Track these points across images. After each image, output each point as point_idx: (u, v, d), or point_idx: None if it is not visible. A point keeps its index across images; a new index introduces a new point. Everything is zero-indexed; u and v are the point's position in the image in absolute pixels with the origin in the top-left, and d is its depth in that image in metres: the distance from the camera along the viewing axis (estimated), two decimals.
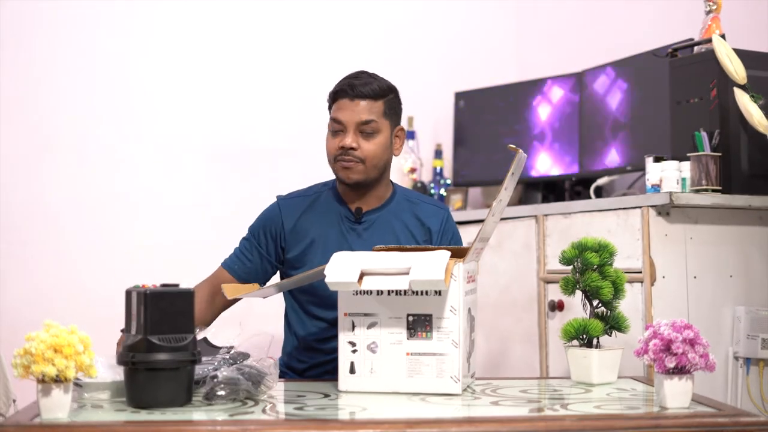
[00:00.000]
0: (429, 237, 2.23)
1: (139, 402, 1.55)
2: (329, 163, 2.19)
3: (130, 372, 1.56)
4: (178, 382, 1.57)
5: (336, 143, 2.15)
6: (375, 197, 2.21)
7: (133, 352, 1.55)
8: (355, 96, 2.14)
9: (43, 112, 3.20)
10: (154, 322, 1.56)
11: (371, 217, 2.20)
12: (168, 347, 1.55)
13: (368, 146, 2.14)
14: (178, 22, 3.41)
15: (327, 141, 2.19)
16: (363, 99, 2.14)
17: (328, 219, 2.20)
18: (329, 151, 2.18)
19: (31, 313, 3.00)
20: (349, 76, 2.19)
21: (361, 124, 2.13)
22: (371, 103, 2.15)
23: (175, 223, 3.34)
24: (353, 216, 2.20)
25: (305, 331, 2.21)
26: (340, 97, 2.16)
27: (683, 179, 2.50)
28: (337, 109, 2.16)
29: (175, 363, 1.55)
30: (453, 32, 3.86)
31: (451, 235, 2.27)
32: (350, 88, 2.14)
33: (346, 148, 2.13)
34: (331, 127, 2.17)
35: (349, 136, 2.13)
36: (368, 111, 2.14)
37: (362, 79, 2.16)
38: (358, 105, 2.14)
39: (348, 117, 2.14)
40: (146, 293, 1.57)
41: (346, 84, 2.16)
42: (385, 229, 2.19)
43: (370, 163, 2.15)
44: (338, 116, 2.15)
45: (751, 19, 2.87)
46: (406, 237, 2.21)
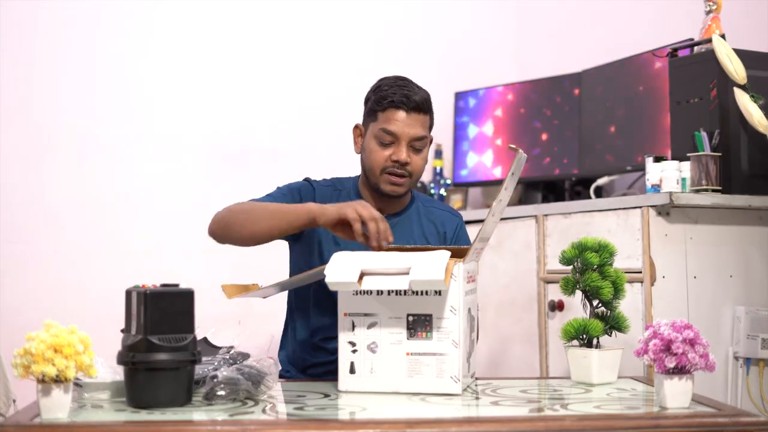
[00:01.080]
0: (443, 242, 2.23)
1: (139, 402, 1.55)
2: (371, 174, 2.14)
3: (130, 372, 1.56)
4: (178, 382, 1.57)
5: (387, 155, 2.10)
6: (398, 203, 2.21)
7: (133, 352, 1.55)
8: (411, 109, 2.09)
9: (44, 112, 3.20)
10: (154, 322, 1.56)
11: (391, 222, 2.17)
12: (168, 347, 1.55)
13: (417, 161, 2.12)
14: (178, 22, 3.40)
15: (372, 151, 2.12)
16: (417, 113, 2.10)
17: None
18: (377, 162, 2.11)
19: (31, 313, 3.00)
20: (396, 84, 2.12)
21: (414, 139, 2.10)
22: (423, 117, 2.12)
23: (175, 223, 3.34)
24: None
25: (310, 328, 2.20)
26: (394, 107, 2.09)
27: (683, 179, 2.50)
28: (390, 120, 2.09)
29: (175, 363, 1.55)
30: (453, 32, 3.86)
31: (464, 242, 2.28)
32: (407, 99, 2.09)
33: (401, 162, 2.09)
34: (381, 138, 2.10)
35: (402, 150, 2.09)
36: (422, 126, 2.11)
37: (413, 89, 2.11)
38: (414, 119, 2.10)
39: (404, 131, 2.09)
40: (146, 293, 1.57)
41: (401, 94, 2.09)
42: (402, 234, 2.18)
43: (416, 176, 2.14)
44: (392, 129, 2.09)
45: (751, 19, 2.87)
46: (421, 242, 2.21)
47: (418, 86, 2.15)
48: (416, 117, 2.10)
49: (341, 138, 3.56)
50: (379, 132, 2.11)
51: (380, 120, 2.12)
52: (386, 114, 2.11)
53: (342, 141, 3.55)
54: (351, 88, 3.65)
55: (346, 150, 3.47)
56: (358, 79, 3.68)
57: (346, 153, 3.18)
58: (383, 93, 2.12)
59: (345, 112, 3.60)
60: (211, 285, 3.47)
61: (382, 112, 2.11)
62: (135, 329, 1.58)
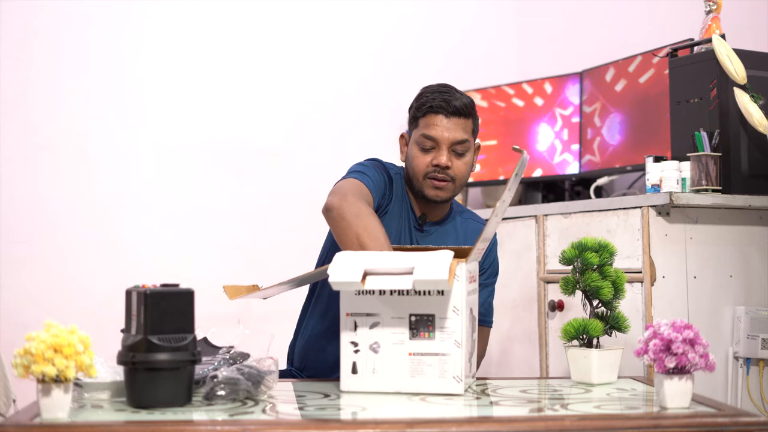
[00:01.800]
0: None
1: (139, 402, 1.55)
2: (414, 180, 2.13)
3: (130, 372, 1.56)
4: (178, 382, 1.56)
5: (428, 160, 2.10)
6: (440, 210, 2.20)
7: (133, 352, 1.55)
8: (451, 113, 2.09)
9: (43, 112, 3.20)
10: (154, 322, 1.56)
11: (431, 229, 2.19)
12: (168, 347, 1.55)
13: (459, 165, 2.11)
14: (178, 22, 3.41)
15: (414, 157, 2.12)
16: (458, 117, 2.09)
17: (398, 211, 2.16)
18: (419, 168, 2.11)
19: (31, 312, 3.00)
20: (437, 90, 2.13)
21: (455, 143, 2.09)
22: (465, 122, 2.11)
23: (176, 222, 3.34)
24: (417, 221, 2.18)
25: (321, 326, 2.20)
26: (434, 112, 2.09)
27: (683, 179, 2.50)
28: (430, 125, 2.10)
29: (175, 363, 1.55)
30: (453, 32, 3.86)
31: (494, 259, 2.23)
32: (446, 103, 2.08)
33: (442, 166, 2.09)
34: (422, 144, 2.10)
35: (443, 154, 2.09)
36: (463, 130, 2.10)
37: (453, 95, 2.11)
38: (454, 123, 2.09)
39: (443, 135, 2.08)
40: (146, 293, 1.57)
41: (440, 99, 2.09)
42: (438, 243, 2.17)
43: (459, 182, 2.13)
44: (433, 133, 2.09)
45: (751, 19, 2.87)
46: None
47: (460, 92, 2.15)
48: (456, 121, 2.10)
49: (341, 138, 3.57)
50: (420, 138, 2.11)
51: (421, 126, 2.12)
52: (426, 119, 2.11)
53: (342, 141, 3.57)
54: (351, 88, 3.66)
55: (346, 150, 3.50)
56: (359, 79, 3.71)
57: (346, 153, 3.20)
58: (424, 99, 2.13)
59: (345, 112, 3.61)
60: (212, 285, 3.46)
61: (422, 118, 2.12)
62: (135, 329, 1.57)
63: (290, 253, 3.35)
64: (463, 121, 2.11)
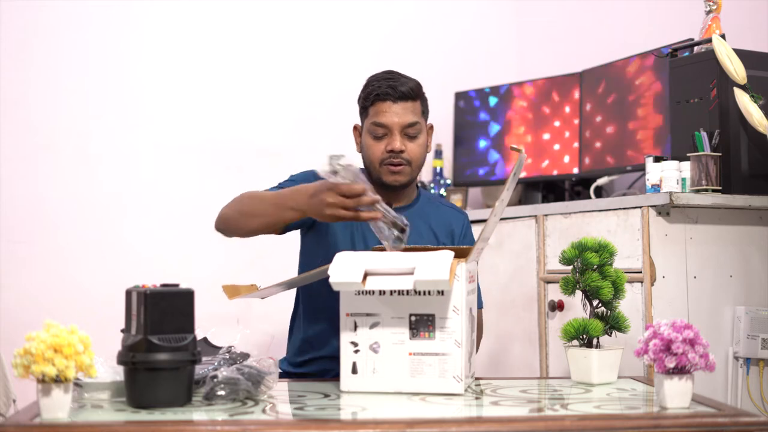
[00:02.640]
0: (451, 240, 2.24)
1: (139, 402, 1.55)
2: (372, 168, 2.16)
3: (130, 372, 1.56)
4: (178, 382, 1.56)
5: (382, 147, 2.13)
6: (406, 196, 2.23)
7: (133, 352, 1.55)
8: (398, 98, 2.12)
9: (43, 112, 3.20)
10: (154, 322, 1.56)
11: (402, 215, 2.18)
12: (168, 347, 1.55)
13: (413, 148, 2.14)
14: (178, 21, 3.40)
15: (369, 146, 2.15)
16: (405, 100, 2.12)
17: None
18: (374, 156, 2.14)
19: (31, 312, 3.00)
20: (382, 78, 2.16)
21: (406, 127, 2.12)
22: (413, 104, 2.14)
23: (176, 222, 3.34)
24: None
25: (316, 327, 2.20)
26: (380, 99, 2.13)
27: (683, 179, 2.50)
28: (379, 113, 2.13)
29: (175, 363, 1.55)
30: (453, 32, 3.86)
31: (470, 240, 2.29)
32: (392, 89, 2.11)
33: (396, 151, 2.11)
34: (374, 132, 2.14)
35: (396, 139, 2.12)
36: (412, 113, 2.13)
37: (398, 80, 2.14)
38: (402, 107, 2.12)
39: (393, 120, 2.12)
40: (146, 293, 1.57)
41: (386, 86, 2.12)
42: (414, 225, 2.15)
43: (415, 164, 2.16)
44: (383, 120, 2.12)
45: (751, 19, 2.87)
46: (429, 237, 2.22)
47: (405, 76, 2.17)
48: (405, 105, 2.13)
49: (341, 138, 3.56)
50: (371, 126, 2.15)
51: (371, 114, 2.16)
52: (375, 107, 2.15)
53: (342, 141, 3.56)
54: (351, 88, 3.63)
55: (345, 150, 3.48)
56: (359, 79, 3.68)
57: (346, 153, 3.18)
58: (370, 88, 2.16)
59: (345, 111, 3.60)
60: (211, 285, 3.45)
61: (371, 107, 2.16)
62: (135, 329, 1.57)
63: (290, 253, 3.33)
64: (411, 104, 2.13)
